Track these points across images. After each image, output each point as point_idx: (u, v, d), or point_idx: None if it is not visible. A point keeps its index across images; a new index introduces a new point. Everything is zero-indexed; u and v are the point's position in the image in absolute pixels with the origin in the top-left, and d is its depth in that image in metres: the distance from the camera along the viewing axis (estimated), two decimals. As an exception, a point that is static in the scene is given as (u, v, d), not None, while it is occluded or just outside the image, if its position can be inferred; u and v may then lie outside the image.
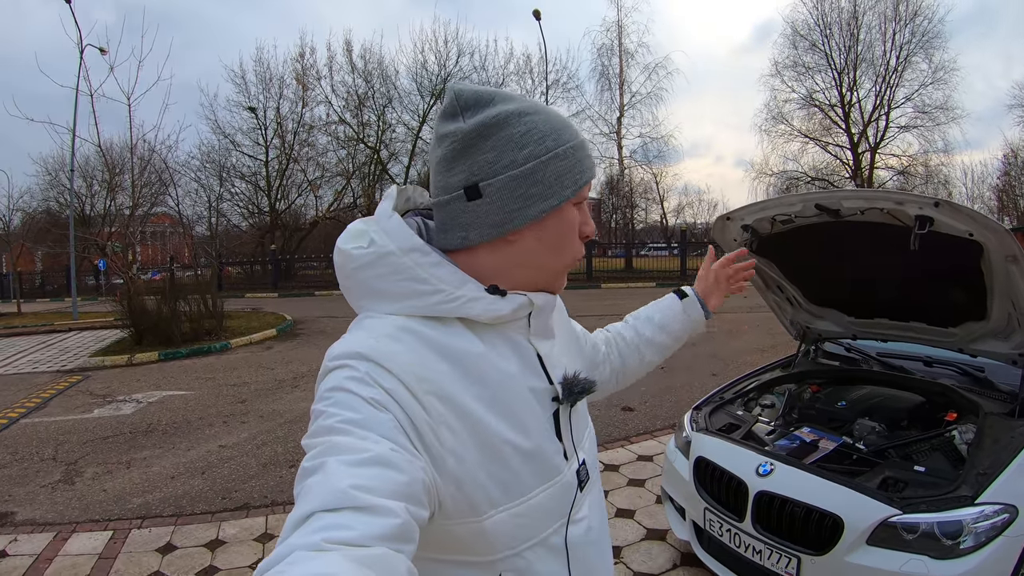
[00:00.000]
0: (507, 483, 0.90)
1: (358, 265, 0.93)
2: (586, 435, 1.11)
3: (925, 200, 2.61)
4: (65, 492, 5.10)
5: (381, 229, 0.93)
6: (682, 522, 3.39)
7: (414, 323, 0.90)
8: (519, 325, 0.99)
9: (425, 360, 0.86)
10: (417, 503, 0.74)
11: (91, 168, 33.95)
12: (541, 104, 0.97)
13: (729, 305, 15.07)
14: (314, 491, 0.68)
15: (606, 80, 38.12)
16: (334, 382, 0.81)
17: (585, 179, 0.96)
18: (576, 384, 1.02)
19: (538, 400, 0.98)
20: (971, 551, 2.34)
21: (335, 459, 0.71)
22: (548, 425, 0.99)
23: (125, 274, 15.12)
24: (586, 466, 1.06)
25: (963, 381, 3.33)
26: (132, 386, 9.23)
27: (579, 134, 0.97)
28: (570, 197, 0.94)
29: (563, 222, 0.96)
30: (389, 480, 0.71)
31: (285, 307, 20.57)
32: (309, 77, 34.57)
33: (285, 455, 5.84)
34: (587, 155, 0.97)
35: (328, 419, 0.77)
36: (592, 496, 1.07)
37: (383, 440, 0.75)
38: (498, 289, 0.94)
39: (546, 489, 0.95)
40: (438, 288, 0.90)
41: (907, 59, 33.33)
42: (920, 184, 33.91)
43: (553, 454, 0.97)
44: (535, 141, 0.91)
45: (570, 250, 0.99)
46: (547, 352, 1.03)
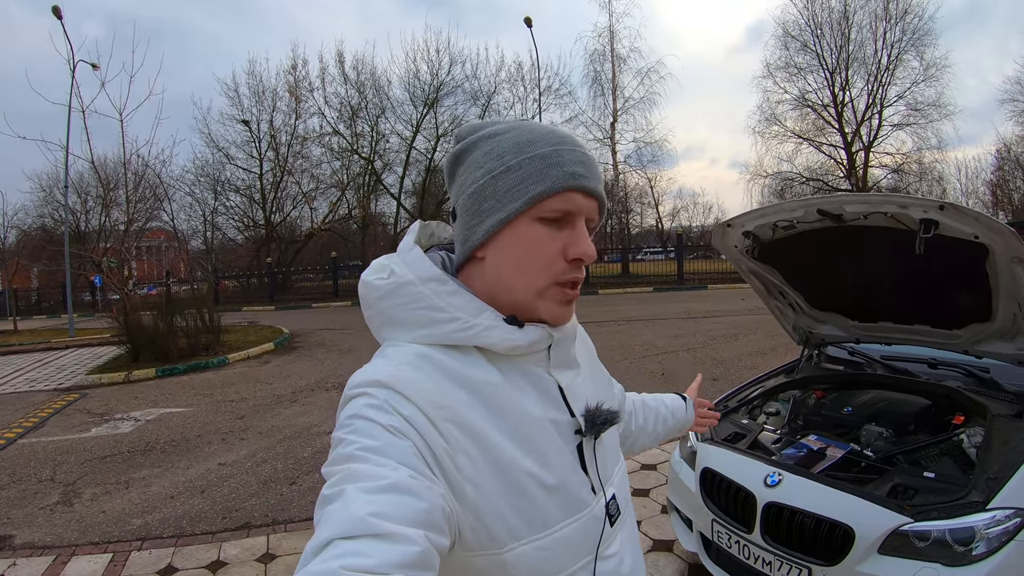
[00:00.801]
0: (529, 515, 0.87)
1: (379, 295, 0.95)
2: (617, 469, 1.07)
3: (930, 203, 2.59)
4: (64, 514, 5.04)
5: (401, 261, 0.95)
6: (689, 533, 3.35)
7: (433, 351, 0.90)
8: (538, 357, 0.97)
9: (444, 388, 0.86)
10: (437, 530, 0.73)
11: (85, 184, 34.04)
12: (525, 123, 0.95)
13: (728, 308, 15.24)
14: (333, 519, 0.68)
15: (599, 86, 38.14)
16: (353, 410, 0.82)
17: (538, 190, 0.88)
18: (599, 415, 0.98)
19: (560, 433, 0.95)
20: (983, 557, 2.31)
21: (354, 486, 0.71)
22: (572, 458, 0.96)
23: (121, 290, 15.04)
24: (616, 501, 1.02)
25: (969, 383, 3.30)
26: (130, 404, 9.17)
27: (550, 145, 0.91)
28: (519, 209, 0.88)
29: (520, 237, 0.90)
30: (408, 507, 0.71)
31: (282, 320, 20.55)
32: (302, 89, 34.62)
33: (285, 472, 5.79)
34: (552, 164, 0.89)
35: (347, 447, 0.77)
36: (625, 532, 1.03)
37: (401, 467, 0.75)
38: (516, 320, 0.93)
39: (572, 523, 0.91)
40: (455, 316, 0.91)
41: (898, 57, 33.43)
42: (914, 181, 34.02)
43: (578, 487, 0.94)
44: (494, 158, 0.91)
45: (537, 270, 0.91)
46: (569, 383, 1.00)
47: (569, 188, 0.89)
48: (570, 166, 0.89)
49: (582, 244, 0.90)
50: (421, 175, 35.50)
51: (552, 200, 0.89)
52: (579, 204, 0.90)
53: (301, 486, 5.40)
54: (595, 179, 0.92)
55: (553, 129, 0.94)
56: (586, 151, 0.94)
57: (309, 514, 4.78)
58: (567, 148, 0.91)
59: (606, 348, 11.37)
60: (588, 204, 0.92)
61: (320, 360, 12.25)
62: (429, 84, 34.25)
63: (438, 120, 35.00)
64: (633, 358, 10.40)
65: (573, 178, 0.89)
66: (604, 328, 14.46)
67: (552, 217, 0.89)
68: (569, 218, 0.91)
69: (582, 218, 0.92)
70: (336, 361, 11.94)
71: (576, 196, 0.90)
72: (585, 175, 0.90)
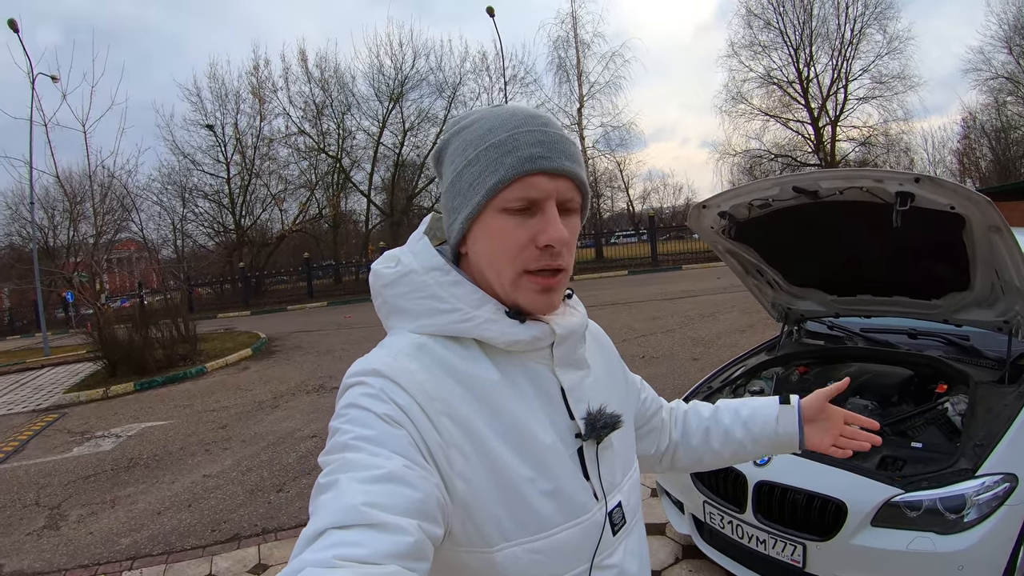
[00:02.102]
0: (521, 516, 0.85)
1: (385, 283, 0.95)
2: (628, 477, 1.03)
3: (905, 176, 2.60)
4: (51, 538, 4.95)
5: (409, 250, 0.96)
6: (681, 515, 3.37)
7: (432, 342, 0.90)
8: (542, 355, 0.95)
9: (440, 381, 0.86)
10: (431, 520, 0.73)
11: (51, 199, 33.30)
12: (493, 110, 0.93)
13: (703, 287, 15.30)
14: (327, 507, 0.68)
15: (564, 72, 38.06)
16: (350, 399, 0.82)
17: (493, 181, 0.86)
18: (599, 419, 0.95)
19: (559, 436, 0.93)
20: (975, 523, 2.35)
21: (348, 476, 0.71)
22: (571, 463, 0.93)
23: (94, 304, 14.81)
24: (623, 509, 0.99)
25: (949, 351, 3.34)
26: (110, 420, 9.03)
27: (508, 131, 0.88)
28: (481, 203, 0.87)
29: (487, 231, 0.89)
30: (402, 497, 0.70)
31: (259, 325, 20.33)
32: (265, 90, 34.25)
33: (271, 479, 5.74)
34: (506, 151, 0.86)
35: (343, 436, 0.77)
36: (630, 543, 0.99)
37: (396, 456, 0.75)
38: (518, 314, 0.91)
39: (568, 528, 0.89)
40: (455, 307, 0.90)
41: (861, 31, 33.85)
42: (882, 153, 34.47)
43: (577, 492, 0.91)
44: (460, 154, 0.91)
45: (506, 261, 0.88)
46: (573, 385, 0.97)
47: (526, 173, 0.86)
48: (525, 149, 0.86)
49: (552, 230, 0.86)
50: (390, 170, 35.32)
51: (511, 189, 0.86)
52: (542, 188, 0.87)
53: (288, 493, 5.35)
54: (558, 157, 0.87)
55: (516, 112, 0.91)
56: (549, 129, 0.89)
57: (299, 521, 4.75)
58: (525, 131, 0.87)
59: (586, 334, 11.37)
60: (554, 185, 0.87)
61: (299, 363, 12.15)
62: (393, 79, 34.07)
63: (404, 114, 34.85)
64: (614, 342, 10.38)
65: (530, 161, 0.86)
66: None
67: (516, 207, 0.87)
68: (536, 204, 0.87)
69: (550, 202, 0.87)
70: (315, 363, 11.85)
71: (537, 180, 0.86)
72: (544, 155, 0.86)
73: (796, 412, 1.28)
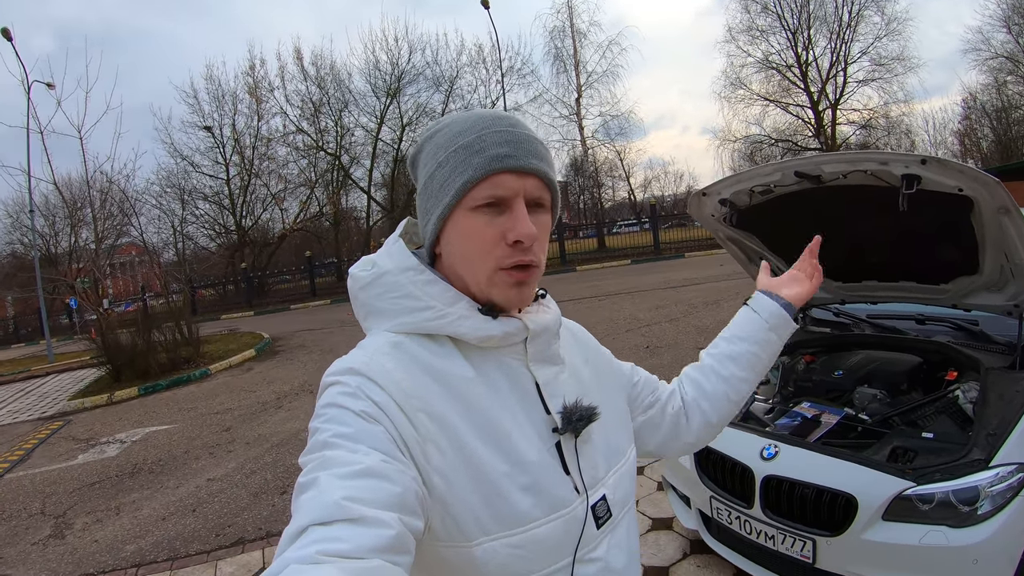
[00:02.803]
0: (500, 511, 0.86)
1: (361, 286, 0.97)
2: (614, 470, 1.02)
3: (911, 158, 2.53)
4: (57, 547, 4.92)
5: (384, 253, 0.99)
6: (687, 510, 3.31)
7: (407, 340, 0.92)
8: (515, 350, 0.97)
9: (416, 377, 0.87)
10: (411, 513, 0.74)
11: (51, 206, 33.35)
12: (461, 114, 0.95)
13: (706, 275, 15.24)
14: (308, 505, 0.69)
15: (561, 63, 38.04)
16: (328, 398, 0.83)
17: (461, 181, 0.88)
18: (575, 412, 0.95)
19: (536, 430, 0.93)
20: (989, 515, 2.29)
21: (327, 473, 0.72)
22: (550, 457, 0.93)
23: (97, 309, 14.78)
24: (607, 502, 0.98)
25: (958, 336, 3.27)
26: (114, 426, 9.02)
27: (476, 132, 0.90)
28: (451, 203, 0.90)
29: (459, 230, 0.91)
30: (381, 491, 0.71)
31: (262, 325, 20.36)
32: (262, 89, 34.28)
33: (275, 482, 5.71)
34: (474, 152, 0.89)
35: (321, 435, 0.78)
36: (616, 537, 0.99)
37: (374, 452, 0.76)
38: (491, 311, 0.93)
39: (548, 523, 0.88)
40: (429, 305, 0.92)
41: (859, 13, 33.69)
42: (883, 136, 34.33)
43: (556, 486, 0.91)
44: (432, 157, 0.94)
45: (479, 258, 0.91)
46: (548, 380, 0.98)
47: (493, 172, 0.88)
48: (492, 149, 0.88)
49: (520, 226, 0.88)
50: (389, 166, 35.37)
51: (479, 188, 0.88)
52: (509, 186, 0.89)
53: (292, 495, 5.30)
54: (525, 156, 0.90)
55: (485, 115, 0.93)
56: (516, 129, 0.92)
57: (304, 524, 4.71)
58: (492, 131, 0.90)
59: (589, 324, 11.18)
60: (521, 183, 0.90)
61: (303, 363, 12.13)
62: (390, 74, 34.09)
63: (402, 109, 34.87)
64: (617, 332, 10.37)
65: (496, 160, 0.88)
66: (584, 304, 14.47)
67: (485, 204, 0.89)
68: (504, 202, 0.89)
69: (518, 199, 0.89)
70: (319, 362, 11.82)
71: (505, 178, 0.89)
72: (511, 154, 0.88)
73: (763, 296, 1.33)
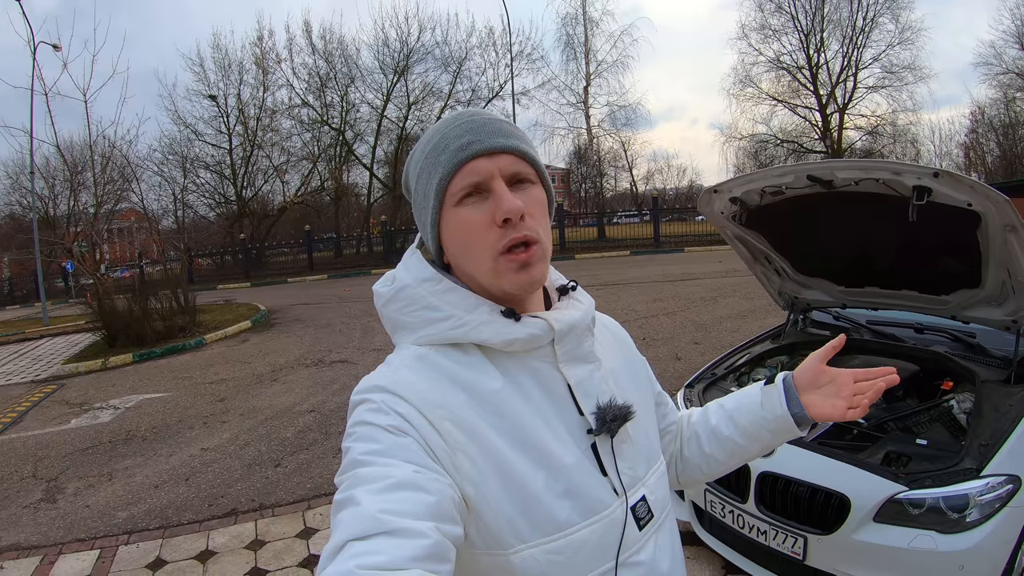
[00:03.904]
0: (536, 517, 0.85)
1: (383, 302, 0.98)
2: (653, 470, 1.01)
3: (924, 171, 2.56)
4: (48, 511, 4.94)
5: (403, 267, 0.99)
6: (680, 502, 3.36)
7: (431, 352, 0.92)
8: (544, 352, 0.94)
9: (441, 388, 0.87)
10: (448, 520, 0.74)
11: (52, 168, 33.12)
12: (432, 126, 0.96)
13: (705, 270, 15.24)
14: (345, 522, 0.69)
15: (571, 50, 37.83)
16: (357, 417, 0.84)
17: (436, 180, 0.90)
18: (609, 412, 0.93)
19: (570, 433, 0.92)
20: (977, 524, 2.35)
21: (362, 489, 0.73)
22: (586, 459, 0.91)
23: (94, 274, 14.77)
24: (647, 503, 0.96)
25: (956, 348, 3.31)
26: (108, 392, 9.02)
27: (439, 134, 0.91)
28: (436, 206, 0.91)
29: (452, 228, 0.91)
30: (417, 502, 0.72)
31: (258, 296, 20.35)
32: (269, 61, 34.01)
33: (269, 454, 5.73)
34: (441, 151, 0.90)
35: (353, 453, 0.79)
36: (660, 539, 0.97)
37: (406, 464, 0.77)
38: (513, 312, 0.92)
39: (587, 526, 0.87)
40: (449, 314, 0.91)
41: (874, 20, 33.44)
42: (889, 143, 34.32)
43: (593, 489, 0.90)
44: (412, 172, 0.96)
45: (478, 247, 0.89)
46: (580, 380, 0.95)
47: (462, 162, 0.88)
48: (455, 141, 0.89)
49: (504, 203, 0.87)
50: (393, 144, 35.16)
51: (454, 182, 0.89)
52: (482, 169, 0.88)
53: (286, 468, 5.35)
54: (489, 137, 0.89)
55: (449, 116, 0.94)
56: (477, 117, 0.92)
57: (296, 497, 4.77)
58: (452, 127, 0.91)
59: (587, 315, 11.35)
60: (493, 163, 0.89)
61: (299, 336, 12.14)
62: (399, 51, 33.91)
63: (409, 88, 34.69)
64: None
65: (462, 151, 0.88)
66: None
67: (465, 195, 0.89)
68: (483, 187, 0.89)
69: (496, 180, 0.88)
70: (314, 336, 11.85)
71: (475, 164, 0.88)
72: (475, 140, 0.88)
73: (780, 390, 1.15)
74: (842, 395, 1.12)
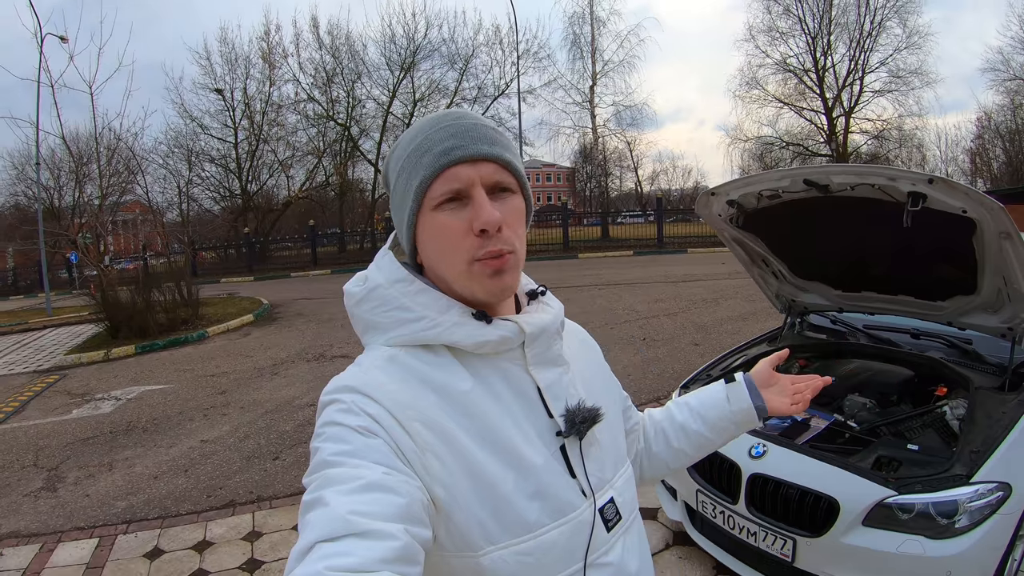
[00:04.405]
0: (505, 519, 0.85)
1: (355, 302, 0.98)
2: (620, 472, 1.03)
3: (919, 176, 2.57)
4: (48, 500, 4.98)
5: (375, 267, 0.98)
6: (673, 502, 3.38)
7: (402, 353, 0.91)
8: (514, 355, 0.95)
9: (411, 389, 0.87)
10: (417, 523, 0.74)
11: (57, 160, 33.18)
12: (413, 125, 0.96)
13: (707, 272, 15.23)
14: (314, 523, 0.69)
15: (578, 49, 37.87)
16: (326, 417, 0.84)
17: (416, 183, 0.88)
18: (578, 414, 0.94)
19: (539, 435, 0.92)
20: (966, 530, 2.36)
21: (331, 490, 0.72)
22: (555, 461, 0.92)
23: (97, 266, 14.80)
24: (615, 505, 0.98)
25: (951, 354, 3.32)
26: (110, 382, 9.07)
27: (423, 134, 0.90)
28: (414, 208, 0.90)
29: (428, 232, 0.90)
30: (386, 504, 0.72)
31: (261, 291, 20.40)
32: (276, 55, 34.06)
33: (268, 447, 5.77)
34: (423, 152, 0.89)
35: (323, 453, 0.79)
36: (628, 540, 0.99)
37: (375, 465, 0.76)
38: (485, 315, 0.93)
39: (556, 528, 0.88)
40: (421, 315, 0.91)
41: (881, 23, 33.46)
42: (894, 148, 34.32)
43: (562, 491, 0.91)
44: (392, 170, 0.95)
45: (452, 253, 0.89)
46: (550, 383, 0.96)
47: (444, 166, 0.87)
48: (439, 145, 0.88)
49: (482, 214, 0.86)
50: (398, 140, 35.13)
51: (434, 186, 0.88)
52: (464, 176, 0.87)
53: (285, 461, 5.38)
54: (473, 143, 0.88)
55: (433, 116, 0.93)
56: (463, 120, 0.91)
57: (294, 490, 4.79)
58: (437, 129, 0.89)
59: (587, 313, 11.43)
60: (475, 171, 0.88)
61: (300, 330, 12.17)
62: (405, 48, 33.97)
63: (415, 84, 34.76)
64: (615, 323, 10.41)
65: (444, 155, 0.87)
66: (584, 292, 14.50)
67: (444, 200, 0.88)
68: (463, 194, 0.88)
69: (476, 188, 0.87)
70: (316, 331, 11.88)
71: (457, 170, 0.87)
72: (458, 146, 0.87)
73: (743, 386, 1.29)
74: (786, 394, 1.32)
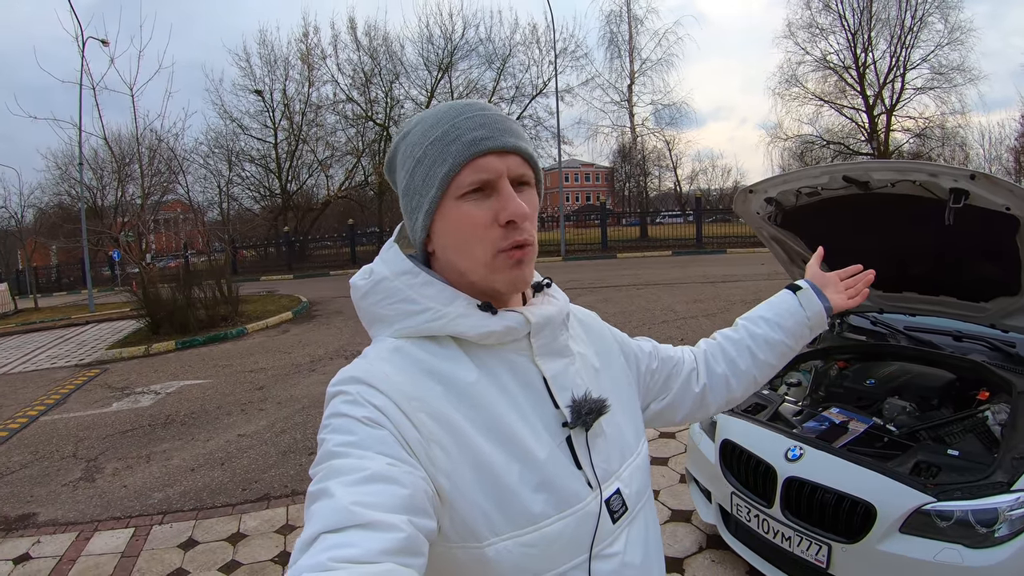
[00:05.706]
0: (509, 510, 0.85)
1: (361, 295, 0.98)
2: (628, 463, 1.02)
3: (961, 172, 2.49)
4: (86, 490, 5.10)
5: (380, 260, 0.98)
6: (708, 505, 3.33)
7: (407, 344, 0.92)
8: (520, 346, 0.95)
9: (416, 380, 0.87)
10: (421, 514, 0.74)
11: (100, 160, 33.93)
12: (431, 110, 0.95)
13: (747, 273, 15.02)
14: (318, 514, 0.69)
15: (615, 47, 37.79)
16: (333, 408, 0.84)
17: (443, 171, 0.88)
18: (584, 405, 0.94)
19: (545, 426, 0.92)
20: (1006, 539, 2.26)
21: (335, 481, 0.72)
22: (560, 452, 0.92)
23: (139, 263, 15.12)
24: (622, 496, 0.97)
25: (994, 357, 3.22)
26: (150, 377, 9.26)
27: (448, 122, 0.89)
28: (437, 196, 0.89)
29: (450, 221, 0.90)
30: (390, 495, 0.72)
31: (300, 289, 20.65)
32: (314, 57, 34.52)
33: (304, 442, 5.83)
34: (450, 141, 0.88)
35: (328, 444, 0.79)
36: (634, 531, 0.98)
37: (380, 456, 0.76)
38: (490, 306, 0.92)
39: (561, 519, 0.88)
40: (427, 307, 0.92)
41: (922, 19, 32.66)
42: (937, 146, 33.45)
43: (568, 481, 0.90)
44: (407, 156, 0.93)
45: (476, 245, 0.89)
46: (556, 373, 0.96)
47: (473, 156, 0.87)
48: (468, 134, 0.87)
49: (511, 205, 0.87)
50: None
51: (462, 175, 0.88)
52: (492, 167, 0.88)
53: (320, 457, 5.42)
54: (502, 135, 0.89)
55: (454, 105, 0.93)
56: (488, 112, 0.91)
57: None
58: (464, 118, 0.89)
59: (625, 312, 11.36)
60: (503, 163, 0.89)
61: (338, 328, 12.30)
62: (443, 48, 34.24)
63: (453, 84, 34.95)
64: (653, 323, 10.32)
65: (474, 145, 0.87)
66: (623, 292, 14.43)
67: (471, 190, 0.88)
68: (490, 185, 0.88)
69: (503, 180, 0.88)
70: (354, 329, 11.94)
71: (486, 160, 0.88)
72: (488, 136, 0.88)
73: (811, 290, 1.35)
74: (840, 290, 1.39)
